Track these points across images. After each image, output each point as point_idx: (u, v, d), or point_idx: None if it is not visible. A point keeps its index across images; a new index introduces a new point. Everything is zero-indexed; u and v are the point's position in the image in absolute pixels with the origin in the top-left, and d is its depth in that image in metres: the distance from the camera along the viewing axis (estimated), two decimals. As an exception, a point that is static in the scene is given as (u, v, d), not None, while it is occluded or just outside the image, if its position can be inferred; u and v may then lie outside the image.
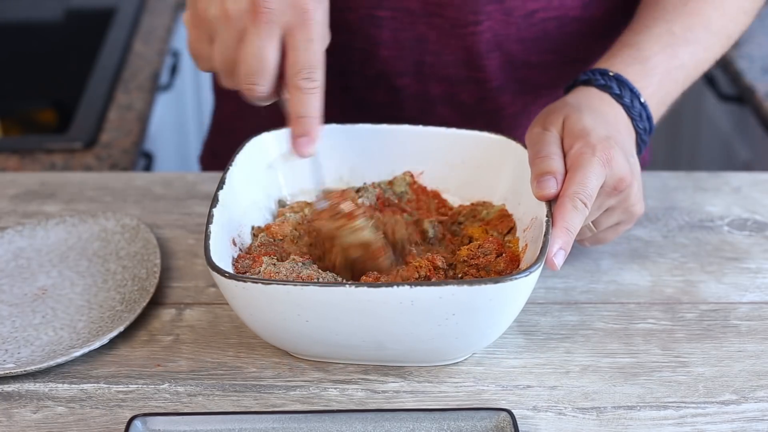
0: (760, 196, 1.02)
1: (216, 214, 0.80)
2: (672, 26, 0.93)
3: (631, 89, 0.88)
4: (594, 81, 0.88)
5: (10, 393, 0.79)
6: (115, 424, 0.76)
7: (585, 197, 0.78)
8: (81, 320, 0.85)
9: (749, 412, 0.77)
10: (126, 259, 0.92)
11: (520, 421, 0.76)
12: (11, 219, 1.00)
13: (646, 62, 0.90)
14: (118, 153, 1.44)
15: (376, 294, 0.72)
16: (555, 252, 0.76)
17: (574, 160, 0.80)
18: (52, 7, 1.93)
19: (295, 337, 0.78)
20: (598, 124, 0.83)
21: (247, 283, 0.73)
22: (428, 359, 0.80)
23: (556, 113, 0.85)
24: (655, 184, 1.04)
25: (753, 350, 0.83)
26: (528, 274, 0.73)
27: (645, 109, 0.88)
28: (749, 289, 0.90)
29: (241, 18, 0.75)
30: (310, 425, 0.73)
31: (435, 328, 0.74)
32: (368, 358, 0.80)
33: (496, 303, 0.74)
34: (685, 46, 0.92)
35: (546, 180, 0.79)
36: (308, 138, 0.77)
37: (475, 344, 0.80)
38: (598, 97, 0.87)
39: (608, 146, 0.80)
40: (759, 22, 1.83)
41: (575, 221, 0.77)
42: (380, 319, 0.73)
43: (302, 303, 0.73)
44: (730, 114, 1.93)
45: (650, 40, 0.91)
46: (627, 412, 0.77)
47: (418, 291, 0.72)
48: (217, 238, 0.78)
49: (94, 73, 1.66)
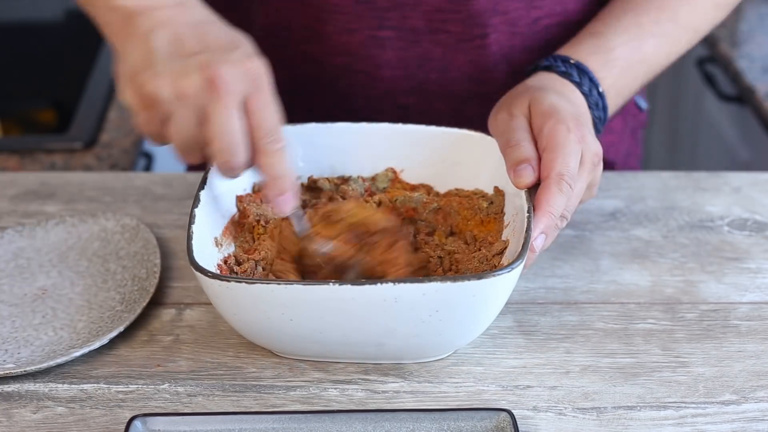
0: (760, 196, 1.02)
1: (198, 214, 0.80)
2: (640, 18, 0.93)
3: (590, 78, 0.89)
4: (555, 67, 0.89)
5: (10, 393, 0.79)
6: (115, 424, 0.76)
7: (569, 178, 0.78)
8: (81, 320, 0.85)
9: (749, 412, 0.77)
10: (126, 259, 0.92)
11: (520, 421, 0.76)
12: (11, 219, 1.00)
13: (609, 53, 0.91)
14: (118, 153, 1.44)
15: (359, 292, 0.72)
16: (536, 236, 0.76)
17: (550, 139, 0.79)
18: (52, 7, 1.93)
19: (279, 336, 0.78)
20: (565, 102, 0.84)
21: (231, 282, 0.73)
22: (412, 356, 0.80)
23: (520, 97, 0.85)
24: (655, 184, 1.04)
25: (753, 350, 0.83)
26: (510, 270, 0.73)
27: (602, 98, 0.89)
28: (749, 289, 0.90)
29: (198, 95, 0.71)
30: (310, 425, 0.73)
31: (419, 324, 0.74)
32: (351, 356, 0.80)
33: (479, 299, 0.74)
34: (650, 39, 0.93)
35: (522, 169, 0.79)
36: (286, 196, 0.76)
37: (459, 340, 0.80)
38: (559, 82, 0.88)
39: (580, 123, 0.81)
40: (759, 22, 1.83)
41: (559, 204, 0.77)
42: (364, 316, 0.74)
43: (286, 302, 0.73)
44: (730, 114, 1.93)
45: (616, 32, 0.92)
46: (627, 412, 0.77)
47: (401, 288, 0.72)
48: (199, 238, 0.78)
49: (94, 73, 1.65)
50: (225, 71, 0.71)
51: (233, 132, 0.72)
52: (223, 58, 0.72)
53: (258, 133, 0.74)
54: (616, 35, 0.92)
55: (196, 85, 0.71)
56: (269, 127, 0.74)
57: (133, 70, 0.74)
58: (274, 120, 0.74)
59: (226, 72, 0.71)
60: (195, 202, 0.81)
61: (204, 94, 0.71)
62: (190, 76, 0.71)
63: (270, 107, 0.74)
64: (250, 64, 0.73)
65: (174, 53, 0.73)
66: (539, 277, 0.90)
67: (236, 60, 0.72)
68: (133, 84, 0.73)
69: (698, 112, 2.12)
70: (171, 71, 0.72)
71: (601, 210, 0.99)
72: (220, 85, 0.71)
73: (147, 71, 0.72)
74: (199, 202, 0.81)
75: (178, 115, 0.72)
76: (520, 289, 0.89)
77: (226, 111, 0.71)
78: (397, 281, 0.72)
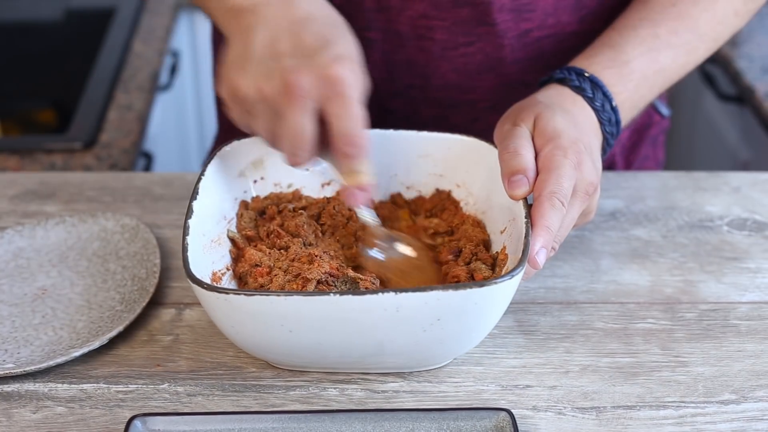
0: (759, 196, 1.02)
1: (192, 225, 0.80)
2: (657, 29, 0.92)
3: (604, 93, 0.88)
4: (569, 81, 0.88)
5: (10, 393, 0.79)
6: (115, 424, 0.76)
7: (562, 197, 0.78)
8: (81, 320, 0.85)
9: (749, 412, 0.77)
10: (126, 259, 0.92)
11: (519, 421, 0.76)
12: (11, 219, 1.00)
13: (625, 66, 0.90)
14: (118, 153, 1.44)
15: (361, 302, 0.72)
16: (537, 250, 0.76)
17: (547, 162, 0.79)
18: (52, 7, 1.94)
19: (277, 348, 0.77)
20: (569, 126, 0.82)
21: (229, 294, 0.73)
22: (411, 365, 0.80)
23: (527, 110, 0.84)
24: (655, 184, 1.04)
25: (753, 350, 0.83)
26: (512, 277, 0.73)
27: (615, 113, 0.88)
28: (749, 288, 0.90)
29: (276, 98, 0.76)
30: (310, 425, 0.73)
31: (420, 333, 0.74)
32: (350, 367, 0.80)
33: (481, 306, 0.73)
34: (667, 50, 0.92)
35: (516, 180, 0.79)
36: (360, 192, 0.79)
37: (459, 348, 0.80)
38: (570, 98, 0.87)
39: (578, 150, 0.81)
40: (759, 22, 1.83)
41: (555, 220, 0.77)
42: (365, 326, 0.73)
43: (285, 313, 0.73)
44: (729, 114, 1.93)
45: (632, 42, 0.91)
46: (626, 411, 0.77)
47: (403, 297, 0.71)
48: (195, 248, 0.78)
49: (94, 73, 1.66)
50: (302, 78, 0.75)
51: (302, 134, 0.76)
52: (307, 63, 0.76)
53: (336, 137, 0.77)
54: (633, 46, 0.91)
55: (275, 89, 0.76)
56: (345, 131, 0.76)
57: (230, 66, 0.79)
58: (349, 125, 0.76)
59: (302, 78, 0.75)
60: (188, 213, 0.81)
61: (280, 97, 0.76)
62: (272, 80, 0.76)
63: (347, 112, 0.76)
64: (332, 71, 0.75)
65: (267, 54, 0.77)
66: (539, 277, 0.90)
67: (320, 65, 0.75)
68: (227, 79, 0.79)
69: (698, 112, 2.12)
70: (258, 73, 0.77)
71: (601, 210, 0.99)
72: (295, 91, 0.75)
73: (240, 70, 0.78)
74: (193, 213, 0.81)
75: (260, 112, 0.78)
76: (520, 288, 0.89)
77: (296, 115, 0.76)
78: (398, 291, 0.72)
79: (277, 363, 0.81)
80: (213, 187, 0.85)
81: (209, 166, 0.86)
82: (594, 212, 0.85)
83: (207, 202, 0.83)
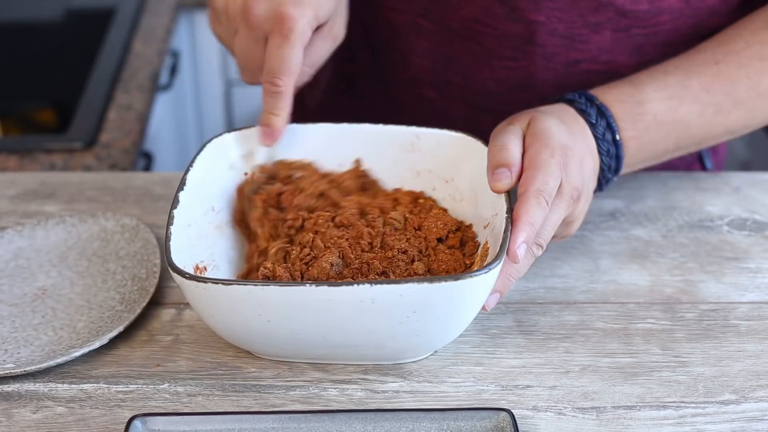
0: (759, 196, 1.02)
1: (177, 215, 0.80)
2: (689, 81, 0.90)
3: (608, 123, 0.87)
4: (576, 103, 0.87)
5: (10, 393, 0.79)
6: (115, 424, 0.76)
7: (546, 195, 0.77)
8: (81, 320, 0.85)
9: (749, 412, 0.77)
10: (126, 259, 0.92)
11: (519, 421, 0.76)
12: (11, 219, 1.00)
13: (639, 105, 0.88)
14: (118, 153, 1.44)
15: (336, 293, 0.72)
16: (518, 245, 0.75)
17: (532, 160, 0.79)
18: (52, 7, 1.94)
19: (256, 338, 0.78)
20: (561, 132, 0.82)
21: (208, 283, 0.73)
22: (389, 357, 0.80)
23: (524, 114, 0.84)
24: (655, 184, 1.04)
25: (753, 350, 0.83)
26: (488, 271, 0.73)
27: (617, 147, 0.87)
28: (749, 288, 0.90)
29: (235, 16, 0.84)
30: (310, 425, 0.73)
31: (396, 326, 0.74)
32: (329, 357, 0.80)
33: (456, 300, 0.73)
34: (693, 104, 0.90)
35: (500, 173, 0.79)
36: (269, 131, 0.86)
37: (437, 341, 0.80)
38: (571, 116, 0.86)
39: (566, 153, 0.80)
40: (759, 21, 1.83)
41: (538, 216, 0.77)
42: (341, 318, 0.73)
43: (263, 303, 0.73)
44: (729, 114, 1.93)
45: (656, 85, 0.89)
46: (627, 411, 0.77)
47: (378, 289, 0.72)
48: (178, 239, 0.78)
49: (94, 73, 1.66)
50: (258, 6, 0.82)
51: (247, 57, 0.85)
52: None
53: (264, 70, 0.83)
54: (655, 89, 0.89)
55: (237, 8, 0.84)
56: (271, 68, 0.82)
57: None
58: (278, 64, 0.82)
59: (258, 6, 0.82)
60: (174, 203, 0.81)
61: (238, 17, 0.84)
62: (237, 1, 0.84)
63: (280, 51, 0.82)
64: (284, 8, 0.82)
65: None
66: (539, 277, 0.90)
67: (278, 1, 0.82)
68: None
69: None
70: None
71: (601, 210, 0.99)
72: (249, 17, 0.83)
73: None
74: (178, 203, 0.81)
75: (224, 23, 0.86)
76: (520, 289, 0.89)
77: (247, 37, 0.84)
78: (373, 282, 0.72)
79: (257, 352, 0.81)
80: (201, 178, 0.85)
81: (198, 157, 0.86)
82: (578, 224, 0.84)
83: (194, 193, 0.83)
